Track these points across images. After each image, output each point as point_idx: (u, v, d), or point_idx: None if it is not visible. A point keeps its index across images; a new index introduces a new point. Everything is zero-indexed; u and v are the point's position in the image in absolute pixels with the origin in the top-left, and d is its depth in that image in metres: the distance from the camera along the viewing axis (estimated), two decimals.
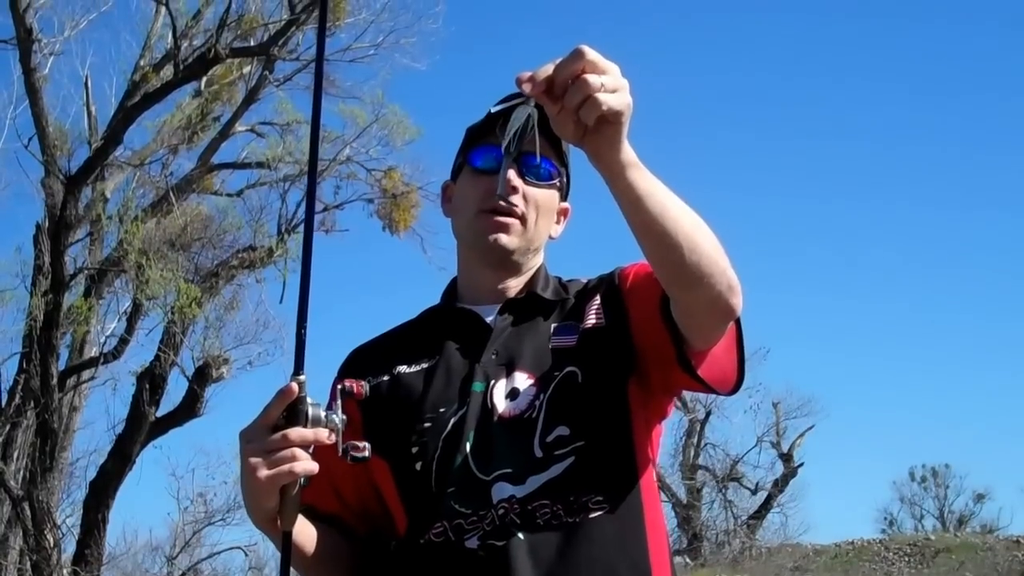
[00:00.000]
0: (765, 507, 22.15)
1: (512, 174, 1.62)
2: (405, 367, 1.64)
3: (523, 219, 1.64)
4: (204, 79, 12.30)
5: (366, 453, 1.42)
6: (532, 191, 1.65)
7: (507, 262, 1.67)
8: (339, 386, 1.44)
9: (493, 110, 1.48)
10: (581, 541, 1.48)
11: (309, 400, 1.38)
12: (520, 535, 1.47)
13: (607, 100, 1.26)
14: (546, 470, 1.51)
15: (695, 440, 22.47)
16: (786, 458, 22.28)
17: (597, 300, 1.65)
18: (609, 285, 1.67)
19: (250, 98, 12.93)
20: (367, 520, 1.63)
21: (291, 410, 1.38)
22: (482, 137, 1.67)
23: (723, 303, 1.43)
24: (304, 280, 1.44)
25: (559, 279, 1.74)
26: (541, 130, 1.53)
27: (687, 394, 22.52)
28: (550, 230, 1.71)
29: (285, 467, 1.36)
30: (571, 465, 1.51)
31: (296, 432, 1.36)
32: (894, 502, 32.02)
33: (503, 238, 1.63)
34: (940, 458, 32.44)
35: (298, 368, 1.40)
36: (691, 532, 21.33)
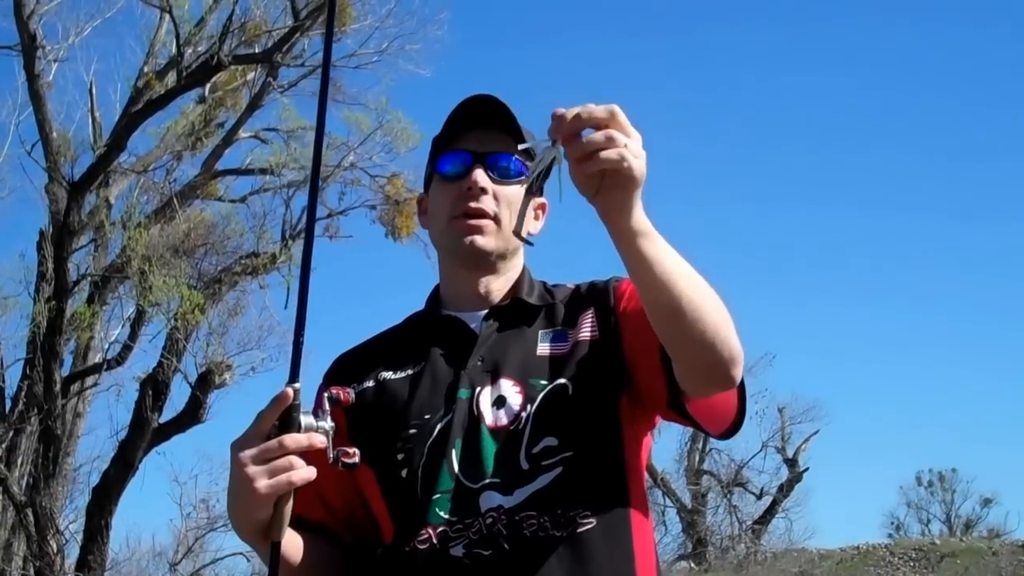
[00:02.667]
0: (770, 512, 22.09)
1: (480, 174, 1.62)
2: (390, 374, 1.63)
3: (496, 219, 1.64)
4: (208, 85, 12.32)
5: (356, 459, 1.41)
6: (502, 190, 1.65)
7: (485, 263, 1.66)
8: (326, 393, 1.43)
9: (520, 147, 1.49)
10: (568, 555, 1.47)
11: (301, 408, 1.37)
12: (506, 545, 1.46)
13: (627, 157, 1.28)
14: (532, 481, 1.50)
15: (700, 445, 22.43)
16: (791, 463, 22.22)
17: (591, 313, 1.64)
18: (603, 300, 1.65)
19: (254, 104, 12.96)
20: (353, 528, 1.62)
21: (284, 418, 1.36)
22: (447, 144, 1.67)
23: (722, 372, 1.43)
24: (303, 290, 1.44)
25: (544, 284, 1.73)
26: (504, 127, 1.59)
27: None
28: (527, 227, 1.70)
29: (284, 477, 1.34)
30: (558, 476, 1.51)
31: (291, 439, 1.35)
32: (901, 507, 31.97)
33: (479, 239, 1.63)
34: (947, 463, 32.36)
35: (294, 376, 1.38)
36: (696, 537, 21.29)
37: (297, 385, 1.37)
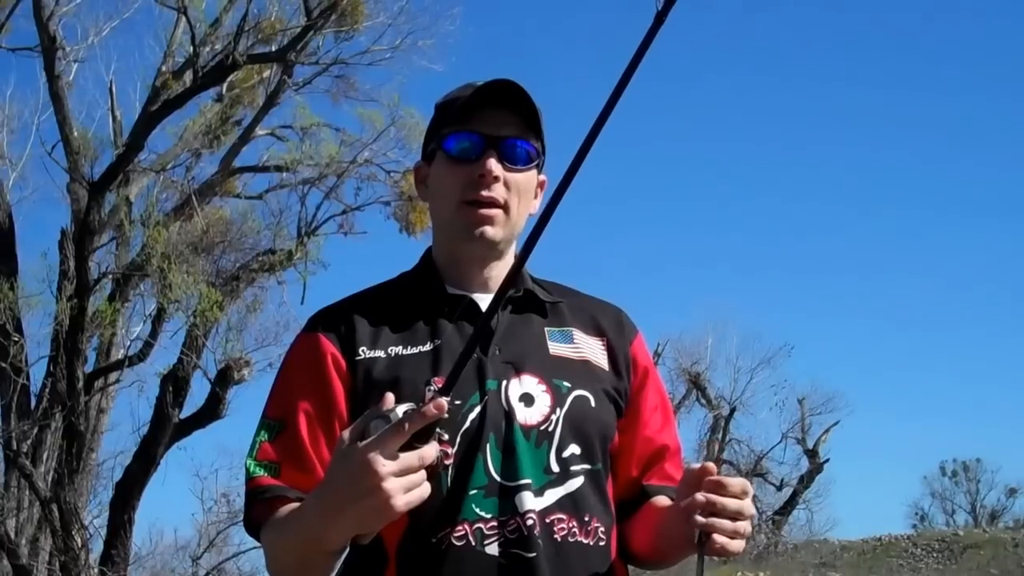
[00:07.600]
0: (791, 503, 22.07)
1: (493, 163, 1.58)
2: (400, 348, 1.56)
3: (506, 207, 1.61)
4: (225, 83, 12.41)
5: (451, 462, 1.45)
6: (513, 177, 1.61)
7: (493, 251, 1.64)
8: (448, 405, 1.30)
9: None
10: (596, 564, 1.52)
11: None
12: (542, 547, 1.46)
13: (732, 546, 1.42)
14: (562, 484, 1.51)
15: (720, 436, 22.42)
16: (811, 454, 22.18)
17: (603, 343, 1.67)
18: (618, 343, 1.69)
19: (270, 102, 13.04)
20: None
21: (426, 430, 1.28)
22: (457, 123, 1.61)
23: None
24: (489, 313, 1.43)
25: (531, 277, 1.71)
26: (519, 111, 1.57)
27: (712, 390, 22.53)
28: (530, 209, 1.68)
29: (418, 493, 1.28)
30: (583, 485, 1.53)
31: (429, 454, 1.28)
32: (925, 497, 31.83)
33: (488, 230, 1.60)
34: (971, 452, 32.19)
35: (449, 386, 1.31)
36: None
37: (457, 403, 1.30)
